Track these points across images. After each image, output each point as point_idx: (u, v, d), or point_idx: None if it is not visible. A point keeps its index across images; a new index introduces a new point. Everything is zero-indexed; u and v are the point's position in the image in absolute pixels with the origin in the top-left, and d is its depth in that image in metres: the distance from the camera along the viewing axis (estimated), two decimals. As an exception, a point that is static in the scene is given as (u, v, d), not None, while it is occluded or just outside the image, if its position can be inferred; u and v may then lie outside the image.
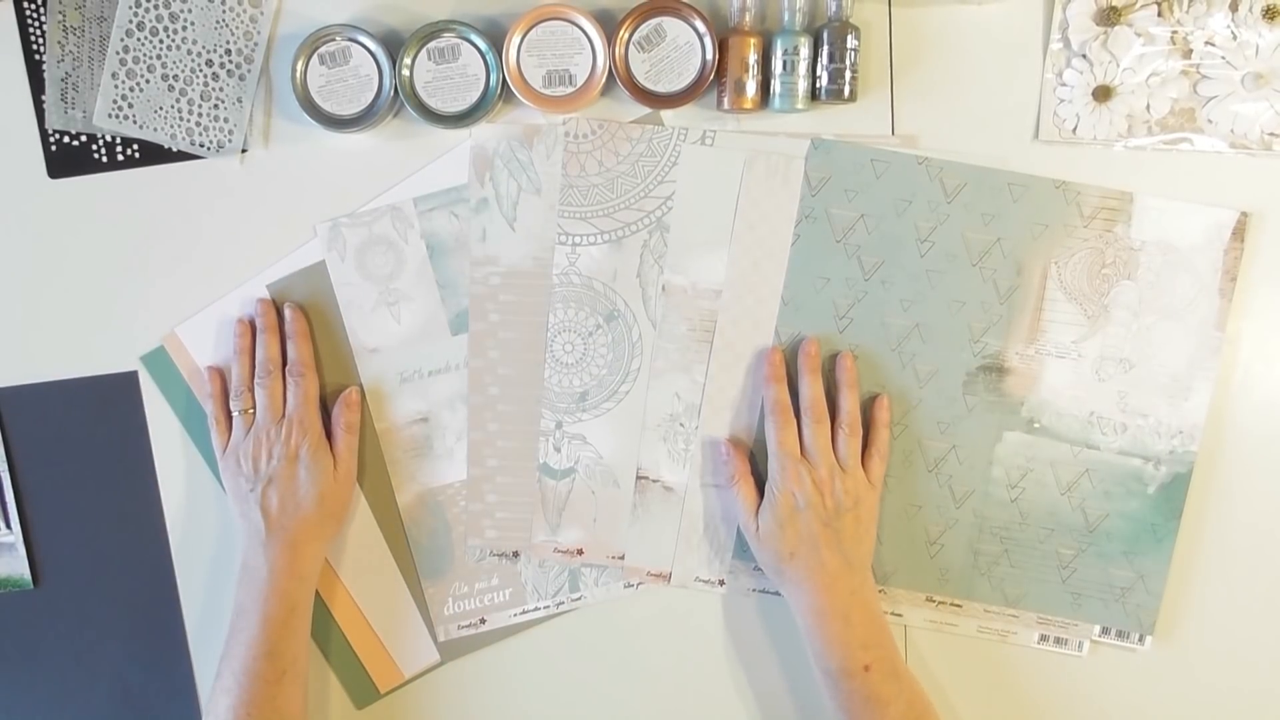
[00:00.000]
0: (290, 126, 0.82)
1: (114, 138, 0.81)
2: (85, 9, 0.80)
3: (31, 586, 0.84)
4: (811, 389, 0.79)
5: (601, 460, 0.82)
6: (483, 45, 0.78)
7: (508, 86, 0.78)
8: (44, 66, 0.80)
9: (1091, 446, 0.81)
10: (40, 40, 0.80)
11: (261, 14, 0.80)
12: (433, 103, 0.78)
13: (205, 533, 0.84)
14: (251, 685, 0.75)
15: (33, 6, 0.80)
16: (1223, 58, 0.78)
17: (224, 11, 0.80)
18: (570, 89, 0.78)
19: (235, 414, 0.80)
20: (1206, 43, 0.78)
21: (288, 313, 0.81)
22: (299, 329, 0.81)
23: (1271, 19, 0.77)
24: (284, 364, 0.81)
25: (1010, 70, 0.80)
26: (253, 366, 0.81)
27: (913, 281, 0.80)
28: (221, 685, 0.76)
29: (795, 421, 0.79)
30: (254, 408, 0.80)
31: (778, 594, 0.83)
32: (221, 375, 0.82)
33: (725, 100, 0.78)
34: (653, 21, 0.77)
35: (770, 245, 0.80)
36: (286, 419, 0.79)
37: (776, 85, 0.78)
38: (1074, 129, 0.79)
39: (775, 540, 0.77)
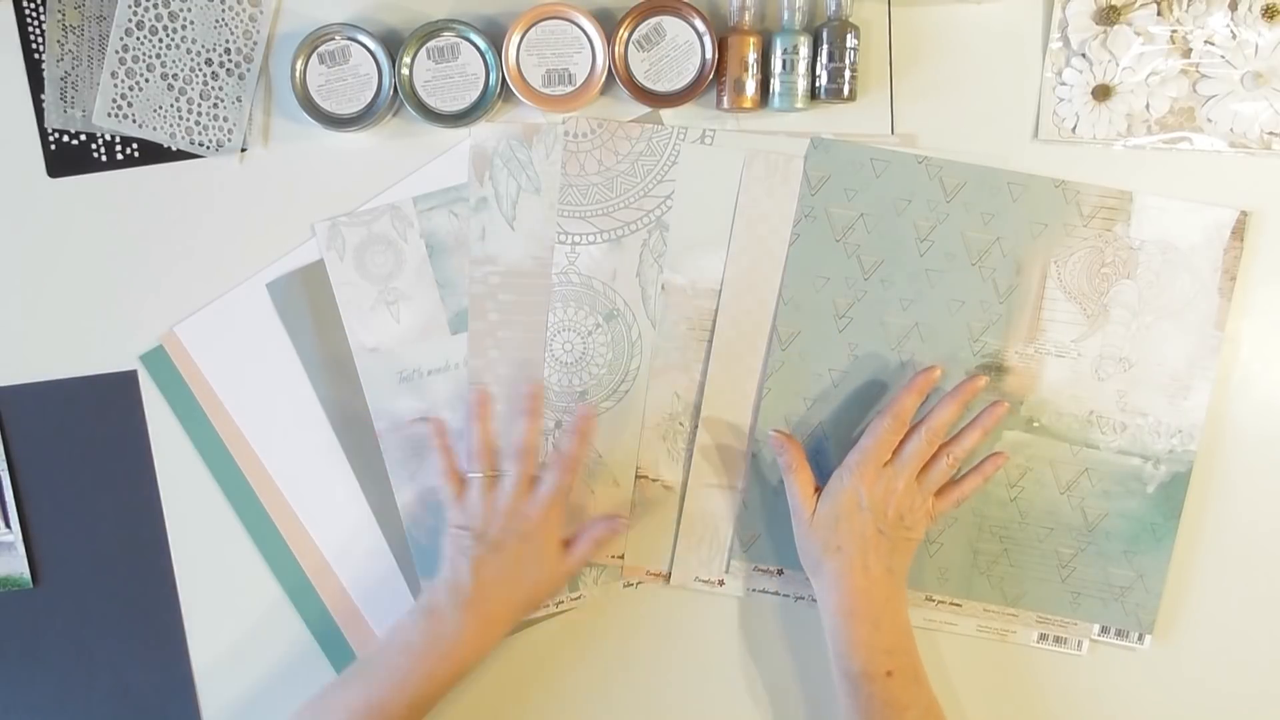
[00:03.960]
0: (289, 126, 0.82)
1: (113, 137, 0.81)
2: (84, 8, 0.80)
3: (31, 586, 0.84)
4: (950, 414, 0.77)
5: (600, 459, 0.82)
6: (482, 44, 0.78)
7: (507, 86, 0.78)
8: (43, 65, 0.80)
9: (1091, 446, 0.81)
10: (39, 39, 0.80)
11: (261, 13, 0.80)
12: (432, 102, 0.78)
13: (205, 533, 0.83)
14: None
15: (32, 6, 0.80)
16: (1222, 57, 0.78)
17: (223, 10, 0.80)
18: (570, 88, 0.78)
19: (470, 475, 0.79)
20: (1206, 42, 0.78)
21: (581, 414, 0.80)
22: (587, 427, 0.79)
23: (1271, 18, 0.77)
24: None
25: (1010, 69, 0.80)
26: (488, 434, 0.80)
27: (912, 281, 0.80)
28: (341, 702, 0.74)
29: (901, 435, 0.77)
30: (490, 472, 0.79)
31: (777, 594, 0.83)
32: (442, 428, 0.81)
33: (724, 99, 0.78)
34: (652, 20, 0.77)
35: (769, 244, 0.80)
36: (536, 498, 0.78)
37: (776, 84, 0.78)
38: (1073, 128, 0.79)
39: (827, 530, 0.76)
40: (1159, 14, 0.78)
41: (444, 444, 0.81)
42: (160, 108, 0.81)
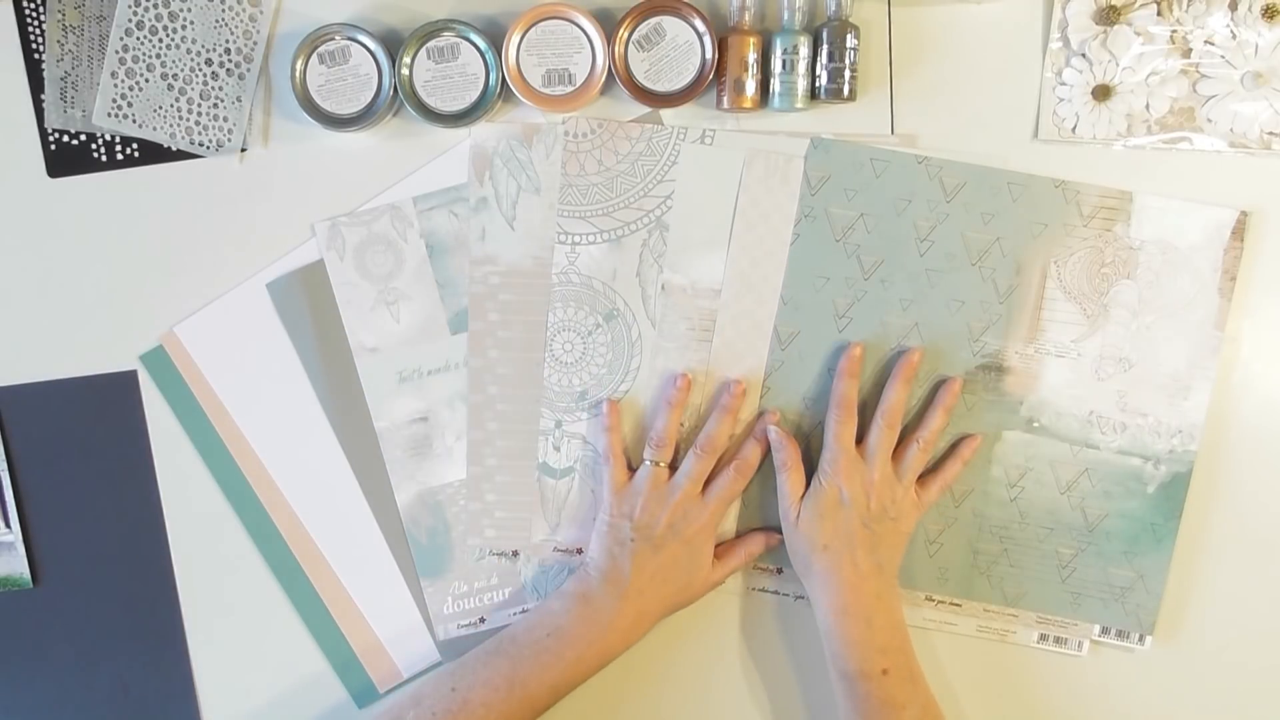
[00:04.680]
0: (289, 126, 0.82)
1: (113, 137, 0.81)
2: (84, 8, 0.80)
3: (31, 586, 0.84)
4: (897, 395, 0.78)
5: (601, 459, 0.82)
6: (482, 44, 0.78)
7: (507, 85, 0.78)
8: (43, 65, 0.81)
9: (1091, 446, 0.81)
10: (39, 39, 0.80)
11: (261, 13, 0.80)
12: (432, 102, 0.78)
13: (205, 533, 0.83)
14: (514, 697, 0.74)
15: (32, 6, 0.80)
16: (1222, 57, 0.78)
17: (223, 10, 0.80)
18: (570, 88, 0.78)
19: (646, 462, 0.79)
20: (1206, 42, 0.78)
21: (769, 422, 0.79)
22: (767, 439, 0.79)
23: (1271, 18, 0.77)
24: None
25: (1010, 69, 0.80)
26: (679, 424, 0.79)
27: (912, 281, 0.80)
28: (481, 678, 0.74)
29: (856, 419, 0.78)
30: (667, 464, 0.79)
31: (776, 592, 0.83)
32: (619, 410, 0.81)
33: (724, 99, 0.78)
34: (652, 20, 0.77)
35: (769, 244, 0.80)
36: (706, 501, 0.78)
37: (776, 84, 0.78)
38: (1073, 128, 0.79)
39: (812, 530, 0.77)
40: (1159, 14, 0.78)
41: (616, 423, 0.80)
42: (160, 108, 0.81)
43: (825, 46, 0.77)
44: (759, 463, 0.80)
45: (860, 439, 0.78)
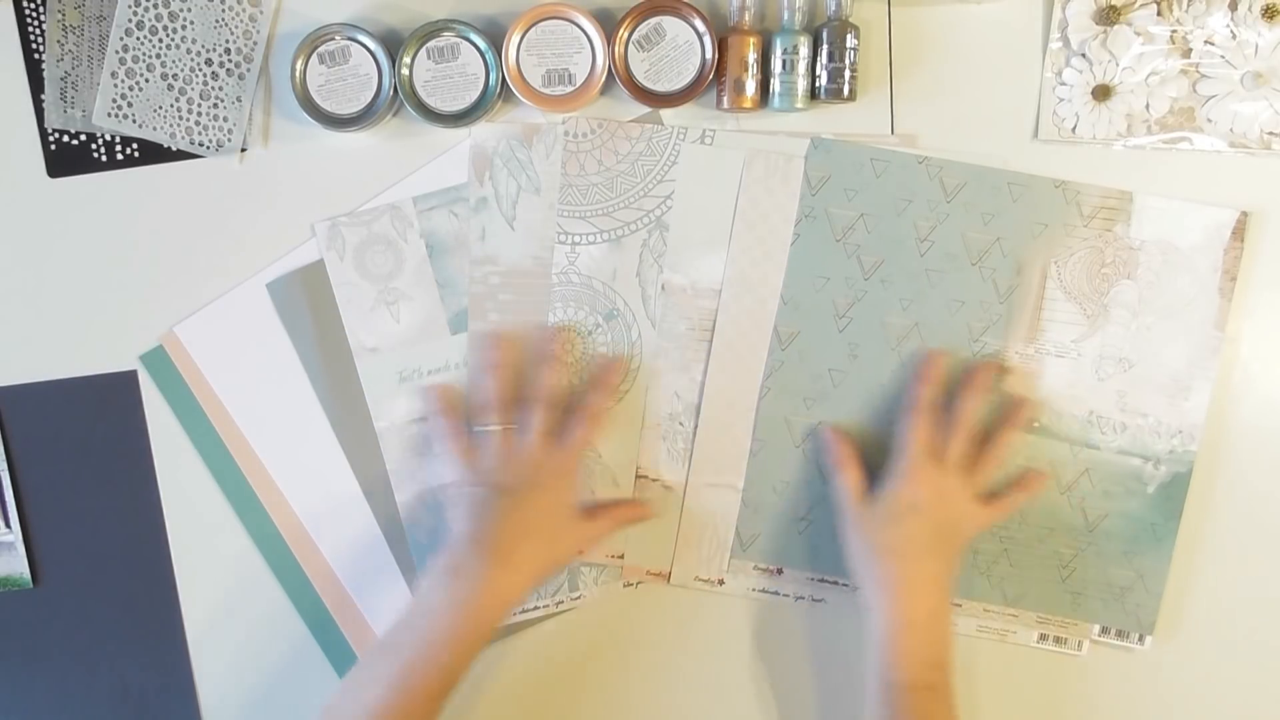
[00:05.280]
0: (290, 126, 0.82)
1: (113, 137, 0.81)
2: (84, 8, 0.80)
3: (31, 586, 0.84)
4: (974, 404, 0.77)
5: (600, 459, 0.82)
6: (482, 44, 0.78)
7: (507, 86, 0.78)
8: (43, 65, 0.81)
9: (1091, 446, 0.81)
10: (39, 39, 0.80)
11: (261, 13, 0.80)
12: (432, 102, 0.78)
13: (205, 533, 0.83)
14: (408, 687, 0.72)
15: (32, 6, 0.80)
16: (1222, 57, 0.78)
17: (223, 10, 0.80)
18: (570, 88, 0.78)
19: (488, 428, 0.78)
20: (1206, 42, 0.78)
21: (606, 365, 0.79)
22: (614, 380, 0.79)
23: (1271, 18, 0.77)
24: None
25: (1010, 70, 0.80)
26: (507, 383, 0.79)
27: (912, 281, 0.80)
28: (372, 675, 0.72)
29: (939, 426, 0.77)
30: (507, 424, 0.78)
31: (777, 593, 0.83)
32: (445, 391, 0.80)
33: (724, 99, 0.78)
34: (652, 20, 0.77)
35: (770, 244, 0.80)
36: (556, 450, 0.77)
37: (776, 84, 0.78)
38: (1073, 128, 0.79)
39: (880, 532, 0.76)
40: (1159, 14, 0.78)
41: (447, 405, 0.80)
42: (160, 108, 0.81)
43: (825, 46, 0.77)
44: (605, 405, 0.79)
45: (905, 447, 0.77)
